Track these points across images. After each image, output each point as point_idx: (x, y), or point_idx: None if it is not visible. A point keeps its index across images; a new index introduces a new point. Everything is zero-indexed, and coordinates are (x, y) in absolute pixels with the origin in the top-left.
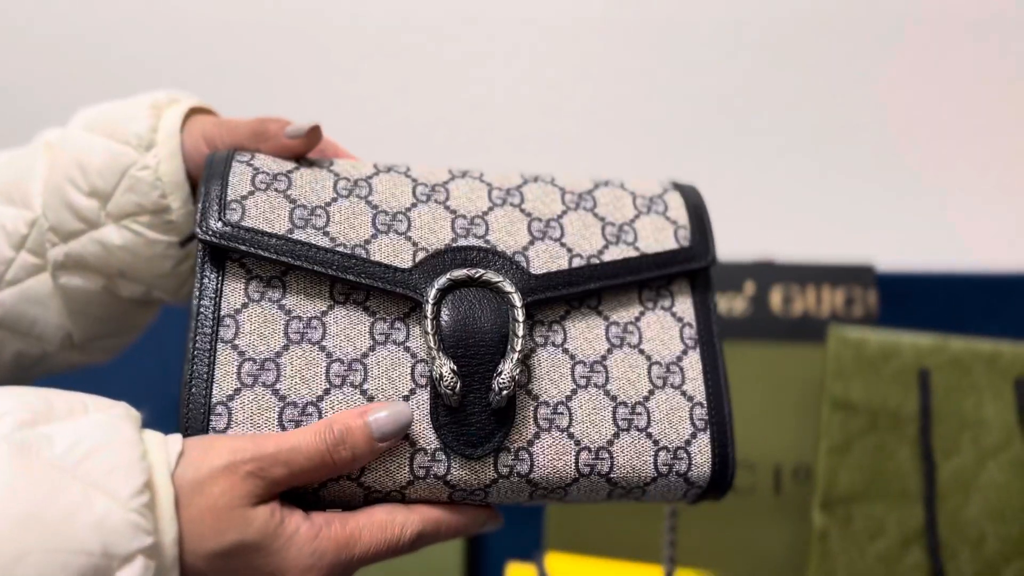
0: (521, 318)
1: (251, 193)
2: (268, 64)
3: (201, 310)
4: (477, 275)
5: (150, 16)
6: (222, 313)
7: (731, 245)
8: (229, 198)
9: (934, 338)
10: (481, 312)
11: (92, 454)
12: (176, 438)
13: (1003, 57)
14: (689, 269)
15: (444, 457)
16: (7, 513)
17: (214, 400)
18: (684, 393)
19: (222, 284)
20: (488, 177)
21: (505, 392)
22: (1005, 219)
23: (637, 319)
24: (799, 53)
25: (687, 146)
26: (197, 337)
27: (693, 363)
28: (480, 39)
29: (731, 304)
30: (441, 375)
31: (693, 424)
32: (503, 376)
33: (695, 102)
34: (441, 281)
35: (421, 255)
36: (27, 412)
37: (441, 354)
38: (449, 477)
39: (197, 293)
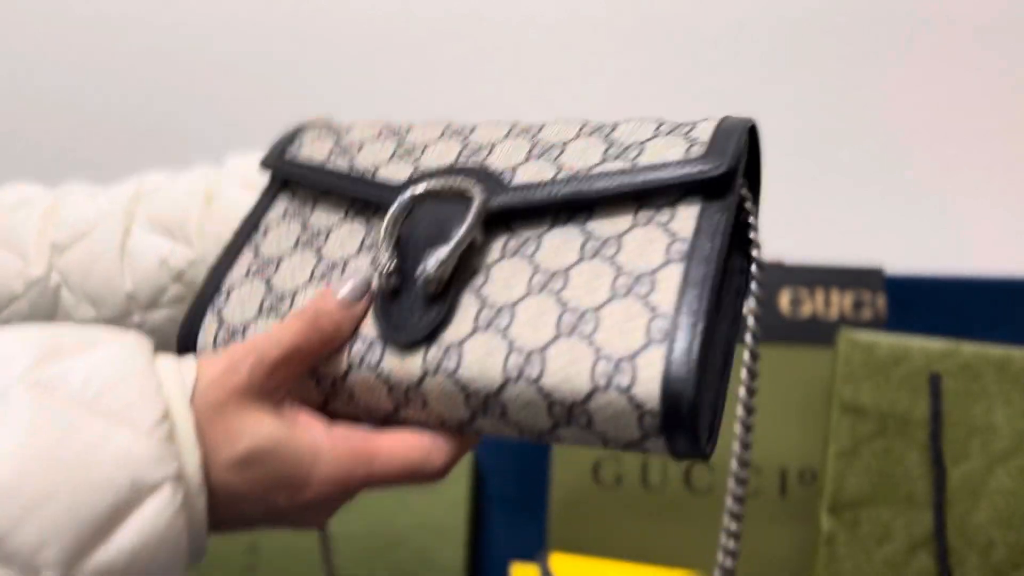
0: (472, 214)
1: (310, 133)
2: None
3: (249, 217)
4: (448, 184)
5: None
6: (260, 221)
7: None
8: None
9: (945, 343)
10: (444, 216)
11: (108, 388)
12: (190, 364)
13: (1015, 61)
14: (691, 179)
15: (379, 345)
16: (31, 454)
17: (223, 285)
18: (647, 304)
19: (271, 201)
20: (522, 123)
21: (431, 274)
22: (1015, 224)
23: (624, 233)
24: (807, 55)
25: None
26: (235, 238)
27: (671, 275)
28: (483, 38)
29: None
30: (381, 263)
31: (648, 335)
32: (431, 259)
33: (701, 103)
34: (415, 188)
35: (419, 173)
36: (38, 351)
37: (387, 243)
38: (381, 367)
39: (253, 205)
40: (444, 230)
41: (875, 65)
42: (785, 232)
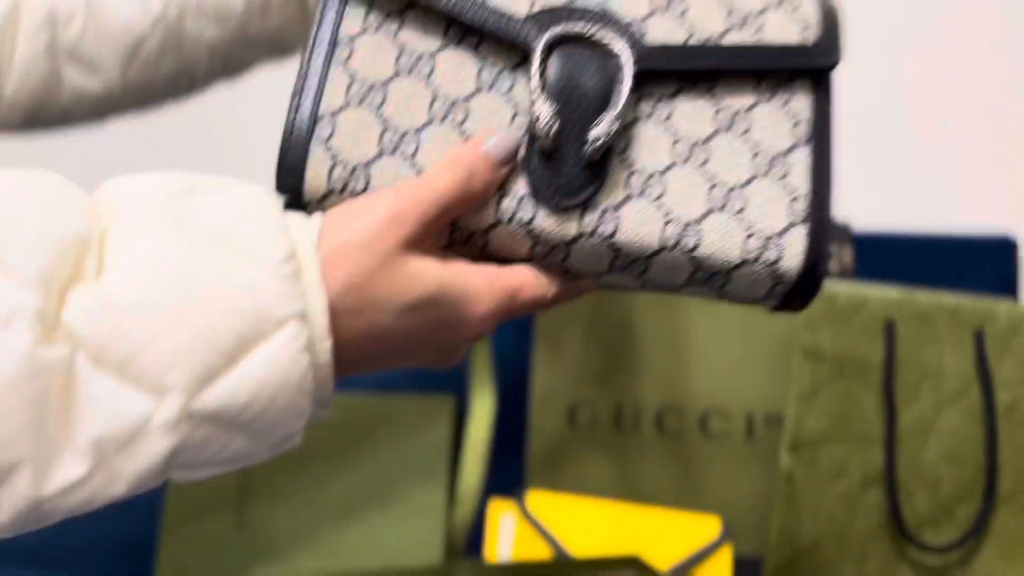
0: (627, 78)
1: None
2: None
3: (320, 32)
4: (589, 32)
5: None
6: (339, 36)
7: None
8: None
9: (901, 292)
10: (588, 69)
11: (239, 222)
12: (315, 216)
13: (985, 21)
14: (811, 66)
15: (531, 204)
16: (162, 278)
17: (321, 112)
18: (786, 185)
19: (344, 9)
20: None
21: (600, 143)
22: (981, 185)
23: (750, 108)
24: None
25: None
26: (312, 56)
27: (801, 159)
28: None
29: None
30: (539, 116)
31: (791, 215)
32: (600, 126)
33: None
34: (554, 31)
35: (538, 7)
36: (175, 187)
37: (542, 97)
38: (533, 225)
39: (319, 16)
40: (594, 86)
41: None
42: None
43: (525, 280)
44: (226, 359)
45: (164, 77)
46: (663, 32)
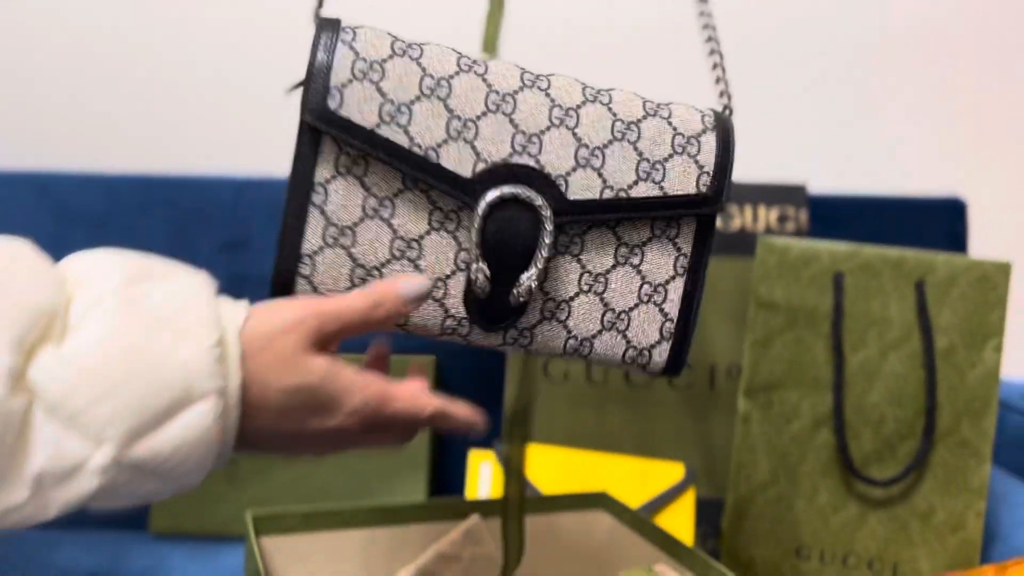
0: (549, 240)
1: (349, 82)
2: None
3: (297, 175)
4: (523, 195)
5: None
6: (315, 180)
7: None
8: (331, 83)
9: (848, 245)
10: (519, 224)
11: (182, 309)
12: (243, 305)
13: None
14: (700, 214)
15: (467, 325)
16: (116, 349)
17: (303, 251)
18: (662, 310)
19: (317, 155)
20: (553, 90)
21: (522, 299)
22: (927, 149)
23: (645, 243)
24: None
25: (641, 67)
26: (292, 198)
27: (677, 288)
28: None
29: None
30: (477, 278)
31: (661, 334)
32: (522, 287)
33: (648, 24)
34: (492, 196)
35: (481, 166)
36: (132, 271)
37: (480, 259)
38: (468, 339)
39: (296, 158)
40: (524, 241)
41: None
42: None
43: (405, 395)
44: (156, 421)
45: None
46: (581, 188)
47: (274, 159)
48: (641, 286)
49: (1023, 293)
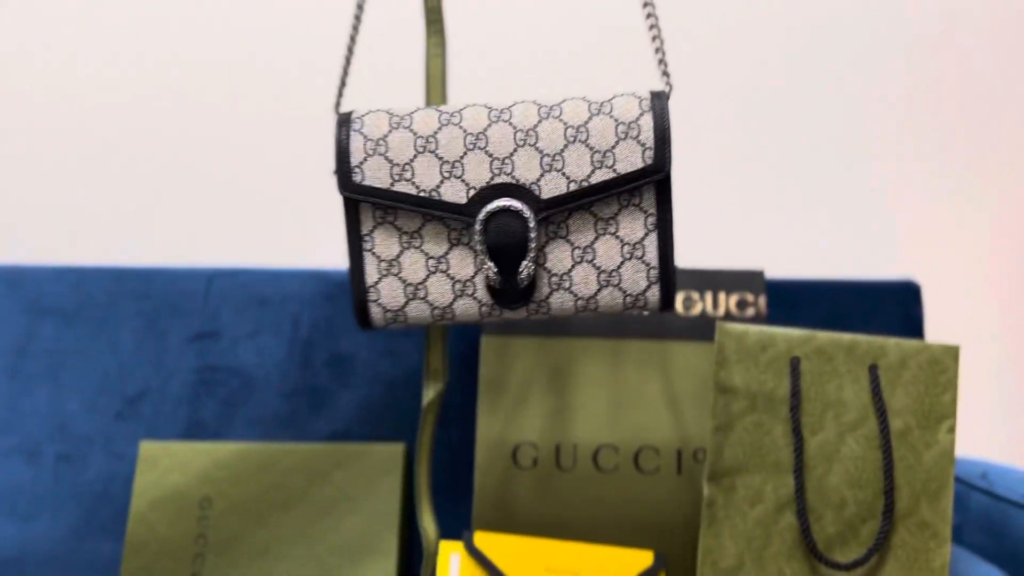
0: (534, 234)
1: (365, 159)
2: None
3: (350, 233)
4: (507, 206)
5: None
6: (362, 233)
7: None
8: (352, 164)
9: (803, 331)
10: (511, 228)
11: None
12: None
13: (889, 94)
14: (652, 180)
15: (498, 308)
16: None
17: (367, 284)
18: (644, 262)
19: (359, 216)
20: (515, 119)
21: (524, 280)
22: (879, 235)
23: (616, 214)
24: (698, 74)
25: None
26: (352, 249)
27: (651, 242)
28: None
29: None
30: (488, 275)
31: (648, 280)
32: (523, 273)
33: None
34: (484, 212)
35: (472, 193)
36: None
37: (488, 260)
38: (504, 316)
39: (347, 221)
40: (517, 239)
41: (760, 93)
42: (679, 240)
43: None
44: None
45: None
46: (551, 188)
47: (244, 249)
48: (622, 247)
49: (980, 372)
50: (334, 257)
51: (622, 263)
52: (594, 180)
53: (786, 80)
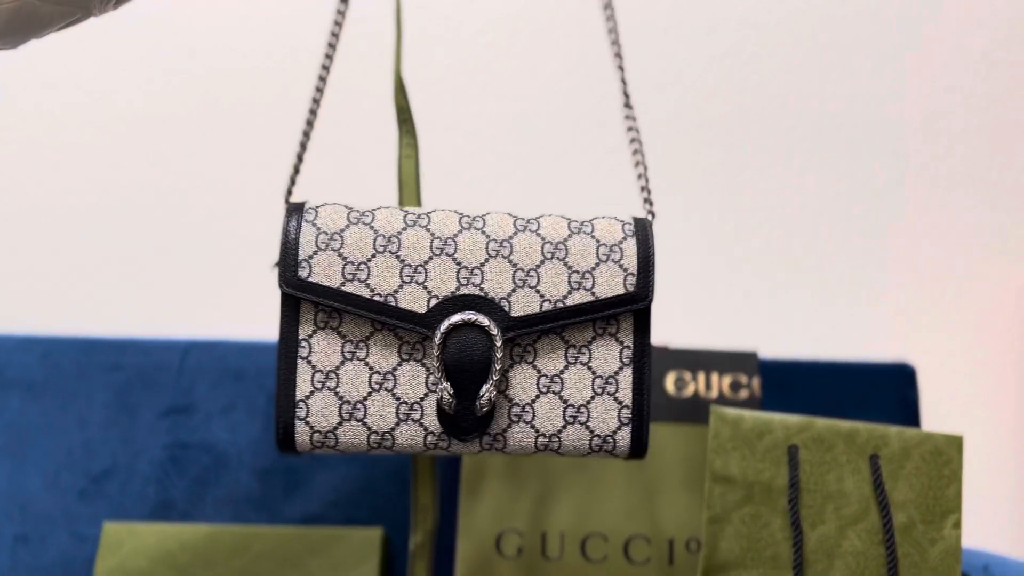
0: (499, 355)
1: (315, 253)
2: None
3: (284, 336)
4: (472, 320)
5: None
6: (299, 338)
7: None
8: (300, 257)
9: (801, 418)
10: (473, 345)
11: None
12: None
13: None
14: (632, 310)
15: (446, 439)
16: None
17: (296, 398)
18: (616, 399)
19: (298, 317)
20: (488, 227)
21: (484, 408)
22: (876, 315)
23: (590, 342)
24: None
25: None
26: (282, 355)
27: (626, 377)
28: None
29: None
30: (442, 397)
31: (620, 420)
32: (483, 398)
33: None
34: (445, 325)
35: (434, 302)
36: None
37: (443, 380)
38: (450, 450)
39: (282, 322)
40: (480, 358)
41: (748, 169)
42: (671, 320)
43: None
44: None
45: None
46: (522, 305)
47: (221, 321)
48: (594, 380)
49: (979, 458)
50: None
51: (592, 398)
52: (571, 302)
53: (778, 159)
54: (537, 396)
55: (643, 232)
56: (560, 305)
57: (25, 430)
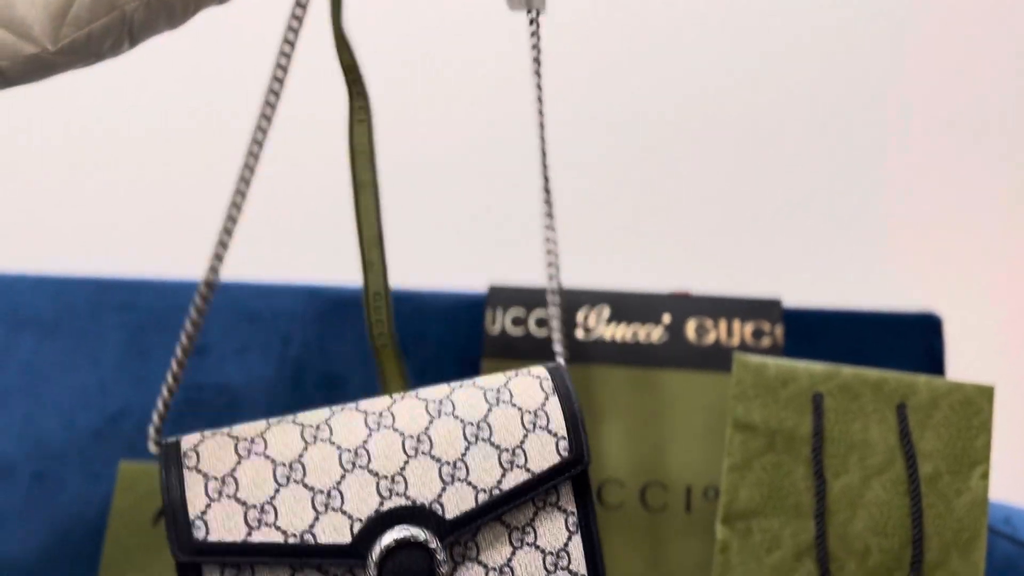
0: (444, 568)
1: (208, 507)
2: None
3: None
4: (406, 537)
5: None
6: None
7: (650, 278)
8: (192, 516)
9: (827, 366)
10: (412, 564)
11: None
12: None
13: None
14: (570, 476)
15: None
16: None
17: None
18: (571, 571)
19: (201, 570)
20: (399, 423)
21: None
22: (904, 263)
23: (532, 519)
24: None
25: (613, 189)
26: None
27: (576, 545)
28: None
29: (649, 333)
30: None
31: None
32: None
33: (621, 141)
34: (378, 552)
35: (357, 526)
36: None
37: None
38: None
39: None
40: (422, 573)
41: (776, 112)
42: (693, 266)
43: None
44: None
45: (97, 35)
46: (456, 504)
47: (237, 261)
48: (544, 559)
49: (1003, 410)
50: (328, 273)
51: None
52: (506, 485)
53: (803, 102)
54: None
55: (563, 387)
56: (497, 492)
57: (39, 370)
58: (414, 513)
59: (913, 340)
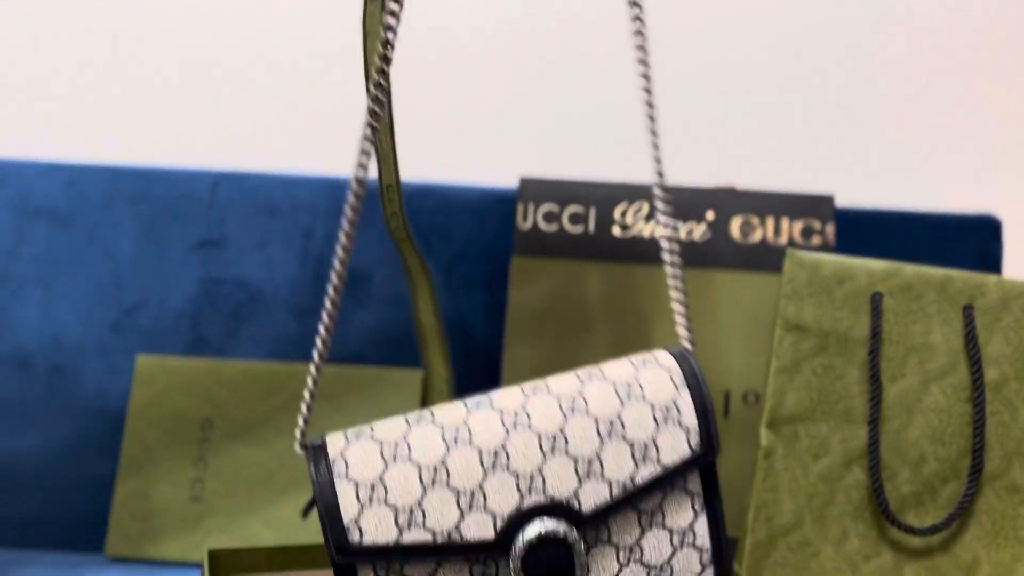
0: (582, 559)
1: (361, 512)
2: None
3: None
4: (548, 532)
5: None
6: None
7: (694, 172)
8: (346, 522)
9: (887, 264)
10: (552, 556)
11: None
12: None
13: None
14: (699, 465)
15: None
16: None
17: None
18: (696, 547)
19: (355, 565)
20: (535, 422)
21: None
22: (961, 163)
23: (661, 503)
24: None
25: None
26: None
27: (702, 523)
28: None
29: (692, 230)
30: None
31: (702, 565)
32: None
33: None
34: (521, 546)
35: (500, 523)
36: None
37: None
38: None
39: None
40: (563, 569)
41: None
42: (740, 160)
43: None
44: None
45: None
46: (592, 498)
47: (254, 152)
48: (671, 536)
49: None
50: (351, 164)
51: (672, 554)
52: (639, 479)
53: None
54: (619, 570)
55: (693, 378)
56: (630, 485)
57: (53, 261)
58: (551, 509)
59: (969, 243)
